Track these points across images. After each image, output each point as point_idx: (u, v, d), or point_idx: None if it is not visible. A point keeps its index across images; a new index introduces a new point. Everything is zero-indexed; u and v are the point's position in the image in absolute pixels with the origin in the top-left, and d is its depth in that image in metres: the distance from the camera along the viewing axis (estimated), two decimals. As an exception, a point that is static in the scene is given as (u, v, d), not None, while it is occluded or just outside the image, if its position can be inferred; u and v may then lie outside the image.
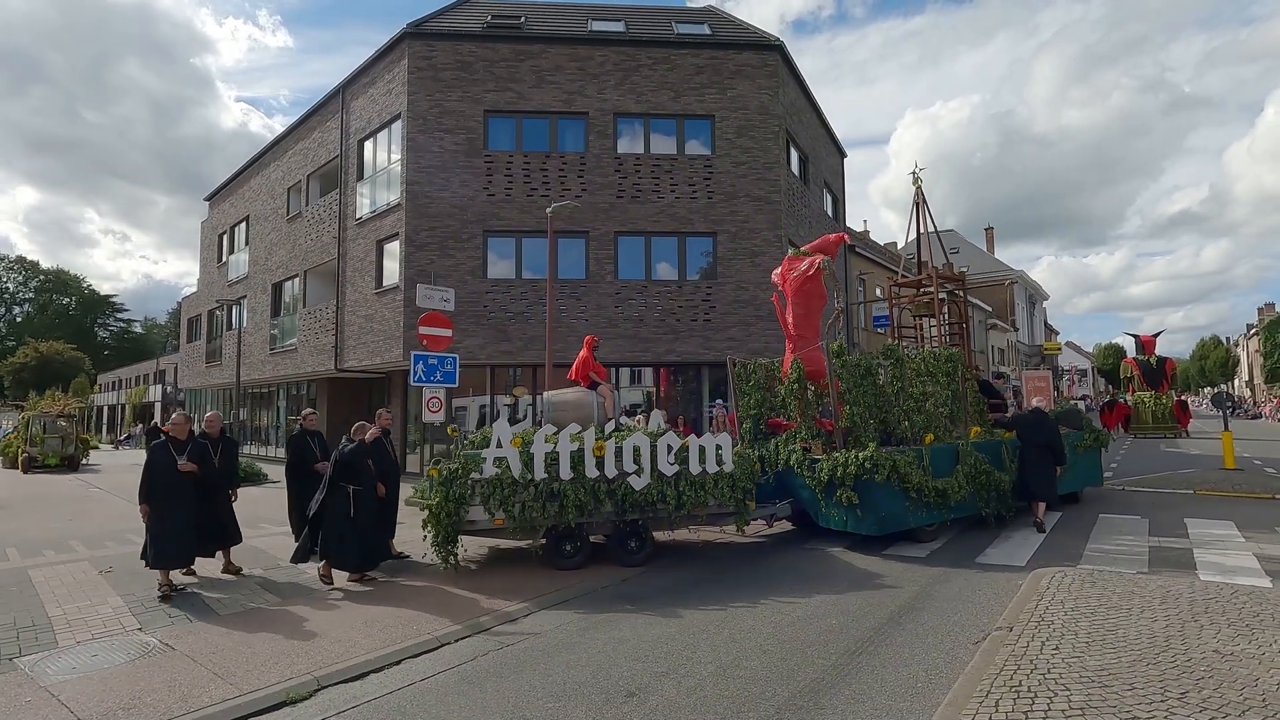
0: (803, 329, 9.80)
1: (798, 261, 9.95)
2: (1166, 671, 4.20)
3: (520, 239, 16.96)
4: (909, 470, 8.26)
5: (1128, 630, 4.92)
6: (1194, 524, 9.29)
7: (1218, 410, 18.25)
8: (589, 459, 7.51)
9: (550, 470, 7.42)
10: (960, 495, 8.84)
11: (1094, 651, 4.56)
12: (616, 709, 4.22)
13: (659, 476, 7.72)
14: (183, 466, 6.85)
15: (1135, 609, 5.39)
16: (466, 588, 6.97)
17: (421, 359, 11.23)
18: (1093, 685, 4.04)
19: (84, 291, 79.12)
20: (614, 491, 7.56)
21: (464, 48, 17.07)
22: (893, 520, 8.31)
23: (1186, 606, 5.41)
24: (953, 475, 8.80)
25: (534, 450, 7.42)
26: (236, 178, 27.04)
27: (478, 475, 7.32)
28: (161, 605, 6.45)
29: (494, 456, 7.39)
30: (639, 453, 7.68)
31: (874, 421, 9.14)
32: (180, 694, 4.48)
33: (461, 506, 7.26)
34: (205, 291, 29.89)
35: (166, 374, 44.42)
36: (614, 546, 7.87)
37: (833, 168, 24.34)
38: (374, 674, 4.88)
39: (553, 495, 7.39)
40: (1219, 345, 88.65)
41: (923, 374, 9.89)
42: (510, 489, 7.31)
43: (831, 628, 5.58)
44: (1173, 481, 13.52)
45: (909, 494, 8.32)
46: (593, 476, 7.50)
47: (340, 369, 19.27)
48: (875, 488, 8.11)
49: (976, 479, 9.11)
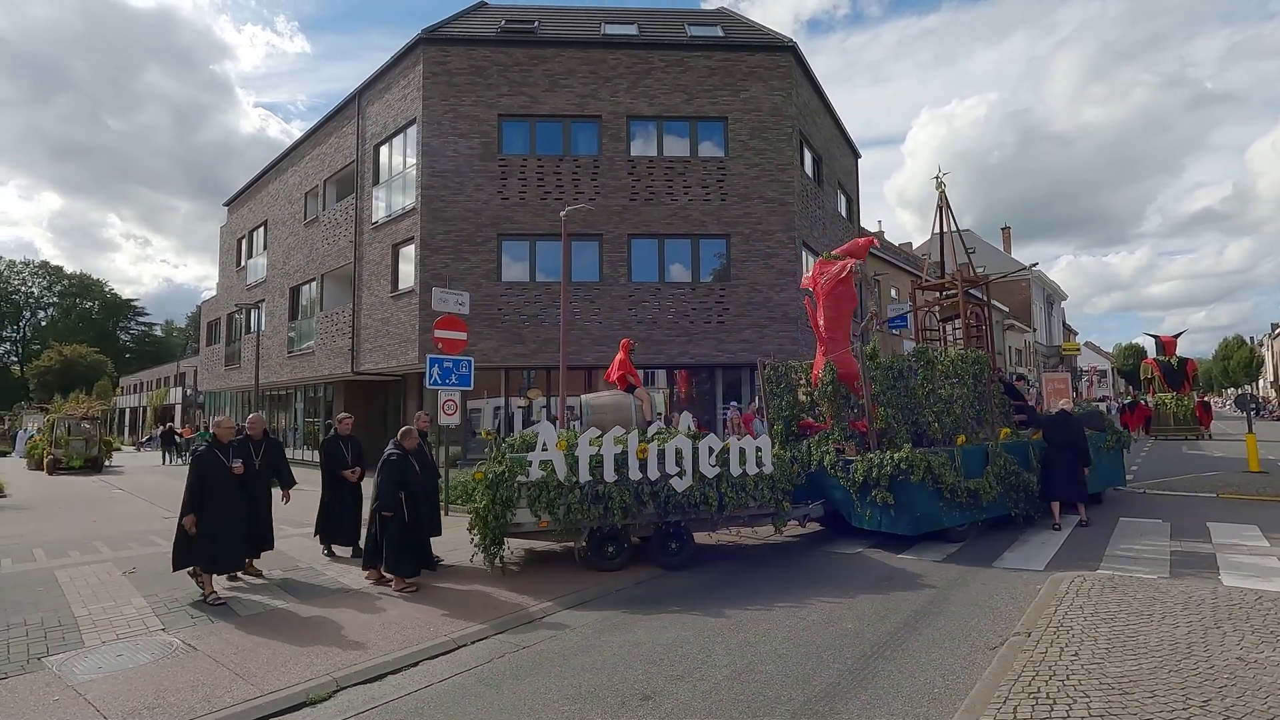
0: (834, 331, 9.92)
1: (829, 265, 10.08)
2: (1189, 679, 4.15)
3: (534, 242, 17.04)
4: (943, 471, 8.40)
5: (1149, 636, 4.86)
6: (1217, 528, 9.15)
7: (1241, 412, 17.96)
8: (632, 461, 7.60)
9: (594, 473, 7.50)
10: (991, 496, 9.01)
11: (1114, 658, 4.51)
12: (632, 712, 4.24)
13: (700, 478, 7.79)
14: (236, 469, 6.88)
15: (1157, 615, 5.32)
16: (485, 590, 7.01)
17: (437, 362, 11.34)
18: (1113, 692, 4.00)
19: (106, 296, 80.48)
20: (657, 493, 7.63)
21: (478, 53, 17.19)
22: (927, 520, 8.42)
23: (1209, 612, 5.34)
24: (983, 476, 8.97)
25: (579, 453, 7.49)
26: (255, 183, 27.41)
27: (524, 478, 7.39)
28: (185, 607, 6.54)
29: (539, 459, 7.45)
30: (681, 455, 7.77)
31: (906, 423, 9.27)
32: (203, 694, 4.56)
33: (508, 509, 7.34)
34: (224, 295, 30.30)
35: (186, 377, 45.06)
36: (655, 548, 7.91)
37: (846, 168, 24.23)
38: (392, 675, 4.94)
39: (598, 497, 7.47)
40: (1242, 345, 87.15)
41: (950, 376, 9.99)
42: (556, 491, 7.38)
43: (847, 632, 5.56)
44: (1195, 484, 13.31)
45: (943, 494, 8.45)
46: (635, 479, 7.58)
47: (357, 371, 19.46)
48: (910, 488, 8.25)
49: (1006, 479, 9.28)
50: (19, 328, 76.76)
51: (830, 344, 9.86)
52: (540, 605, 6.45)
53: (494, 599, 6.67)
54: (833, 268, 9.99)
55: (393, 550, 6.97)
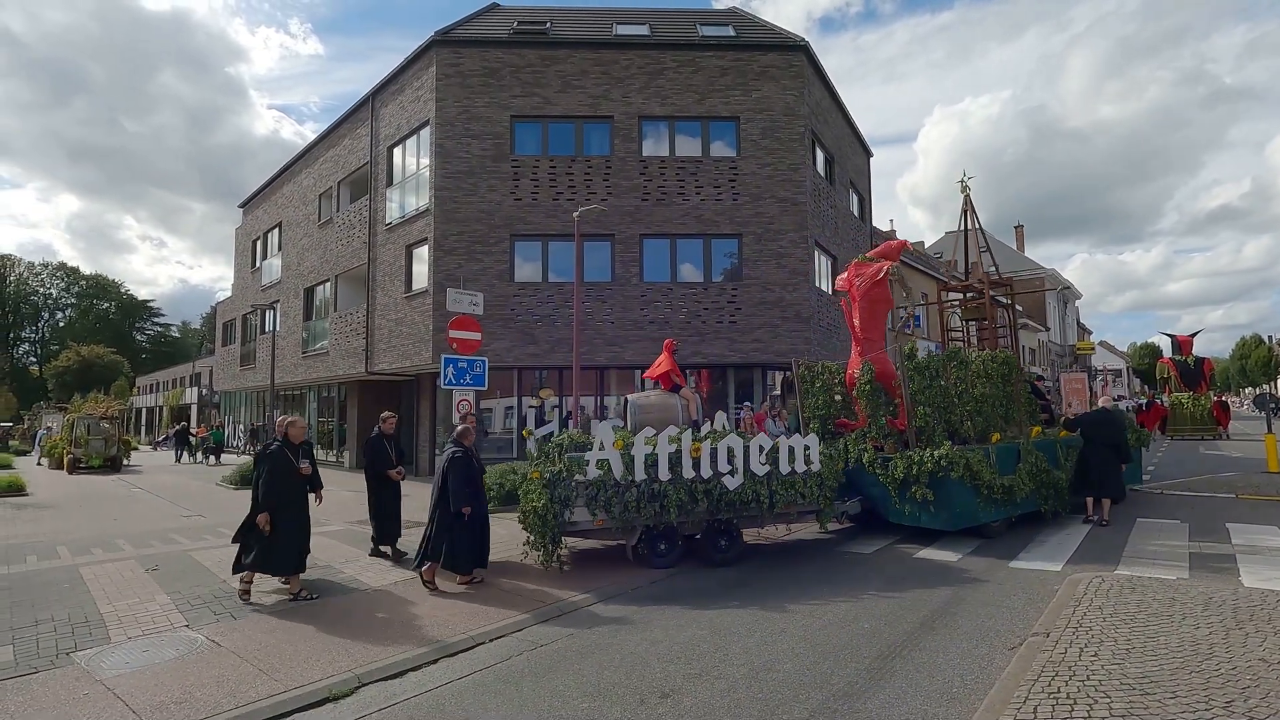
0: (870, 332, 10.13)
1: (865, 267, 10.26)
2: (1210, 680, 4.13)
3: (547, 243, 17.11)
4: (981, 468, 8.64)
5: (1169, 637, 4.84)
6: (1236, 529, 9.06)
7: (1260, 411, 17.77)
8: (686, 460, 7.71)
9: (649, 471, 7.60)
10: (1025, 492, 9.28)
11: (1134, 658, 4.49)
12: (651, 709, 4.27)
13: (751, 476, 7.93)
14: (304, 470, 6.91)
15: (1177, 615, 5.29)
16: (510, 587, 7.06)
17: (451, 362, 11.41)
18: (1134, 693, 3.99)
19: (122, 296, 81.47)
20: (710, 491, 7.74)
21: (491, 54, 17.28)
22: (965, 516, 8.68)
23: (1230, 613, 5.30)
24: (1016, 473, 9.22)
25: (634, 452, 7.59)
26: (269, 185, 27.67)
27: (581, 477, 7.46)
28: (208, 603, 6.64)
29: (596, 459, 7.54)
30: (733, 453, 7.90)
31: (941, 422, 9.46)
32: (228, 689, 4.63)
33: (566, 508, 7.41)
34: (240, 296, 30.61)
35: (202, 377, 45.54)
36: (705, 545, 8.02)
37: (858, 167, 24.14)
38: (412, 672, 4.99)
39: (654, 495, 7.59)
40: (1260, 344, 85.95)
41: (980, 376, 10.20)
42: (614, 490, 7.49)
43: (864, 631, 5.57)
44: (1213, 485, 13.18)
45: (980, 491, 8.68)
46: (689, 477, 7.70)
47: (370, 372, 19.61)
48: (949, 485, 8.48)
49: (1038, 477, 9.54)
50: (38, 328, 77.91)
51: (866, 344, 10.06)
52: (560, 603, 6.49)
53: (513, 598, 6.72)
54: (869, 270, 10.19)
55: (461, 547, 7.03)
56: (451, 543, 6.99)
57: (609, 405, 17.61)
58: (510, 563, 8.10)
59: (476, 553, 7.22)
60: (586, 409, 17.23)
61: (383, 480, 8.51)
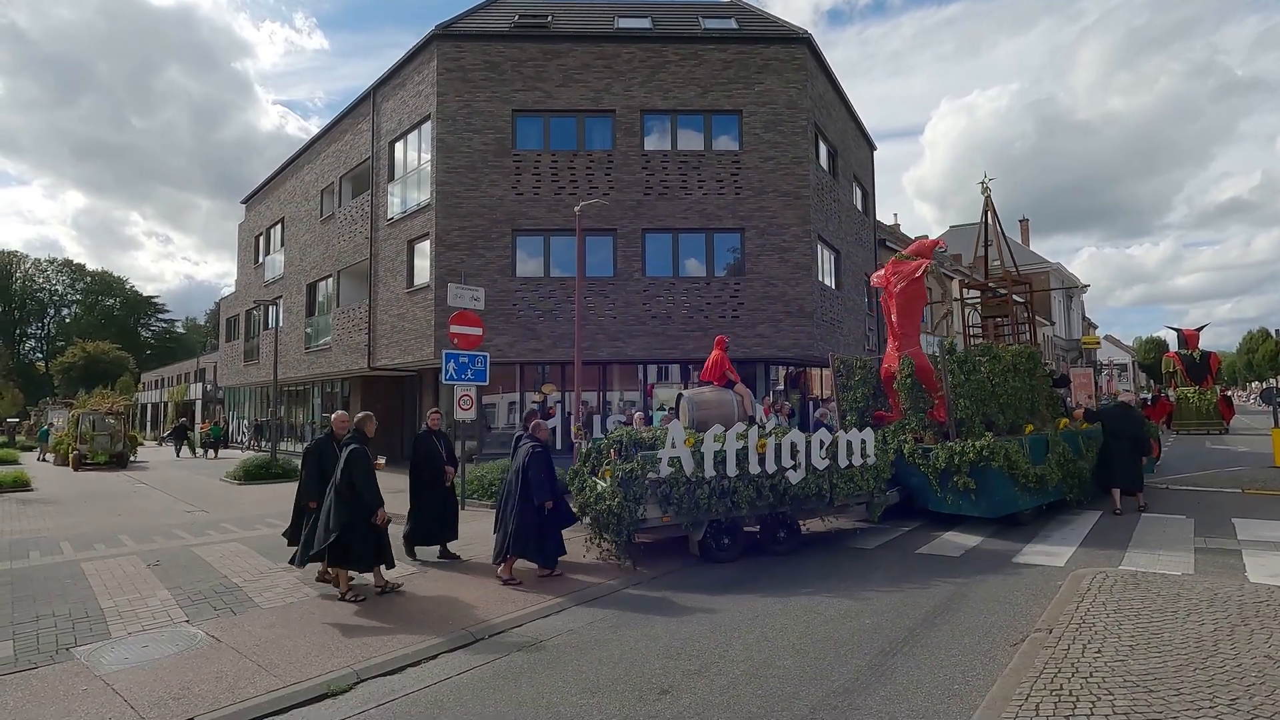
0: (906, 327, 10.58)
1: (903, 265, 10.70)
2: (1215, 677, 4.08)
3: (548, 237, 17.06)
4: (1018, 458, 9.08)
5: (1173, 634, 4.79)
6: (1242, 524, 8.99)
7: (1267, 406, 17.65)
8: (752, 455, 7.90)
9: (718, 468, 7.75)
10: (1054, 481, 9.72)
11: (1138, 655, 4.45)
12: (650, 706, 4.25)
13: (813, 470, 8.23)
14: (380, 465, 6.80)
15: (1181, 612, 5.24)
16: (514, 586, 7.04)
17: (453, 357, 11.39)
18: (1137, 690, 3.95)
19: (128, 293, 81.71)
20: (776, 486, 7.97)
21: (492, 48, 17.20)
22: (1005, 504, 9.10)
23: (1236, 610, 5.25)
24: (1045, 463, 9.64)
25: (704, 449, 7.70)
26: (271, 181, 27.67)
27: (655, 475, 7.52)
28: (208, 599, 6.64)
29: (669, 457, 7.61)
30: (795, 448, 8.17)
31: (978, 414, 9.93)
32: (227, 685, 4.62)
33: (640, 505, 7.45)
34: (243, 292, 30.66)
35: (206, 373, 45.67)
36: (765, 538, 8.30)
37: (862, 161, 24.00)
38: (411, 668, 4.98)
39: (725, 491, 7.75)
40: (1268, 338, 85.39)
41: (1010, 370, 10.59)
42: (686, 487, 7.58)
43: (865, 627, 5.53)
44: (1219, 480, 13.09)
45: (1017, 480, 9.09)
46: (755, 472, 7.88)
47: (373, 367, 19.62)
48: (990, 474, 8.93)
49: (1064, 466, 10.02)
50: (44, 325, 78.22)
51: (903, 340, 10.50)
52: (557, 600, 6.47)
53: (517, 593, 6.70)
54: (906, 268, 10.61)
55: (551, 541, 7.15)
56: (541, 536, 7.09)
57: (611, 401, 17.59)
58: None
59: (560, 546, 7.33)
60: (589, 404, 17.23)
61: (432, 479, 8.15)
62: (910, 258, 10.76)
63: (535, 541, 7.06)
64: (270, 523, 10.94)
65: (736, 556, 7.96)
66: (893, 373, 10.45)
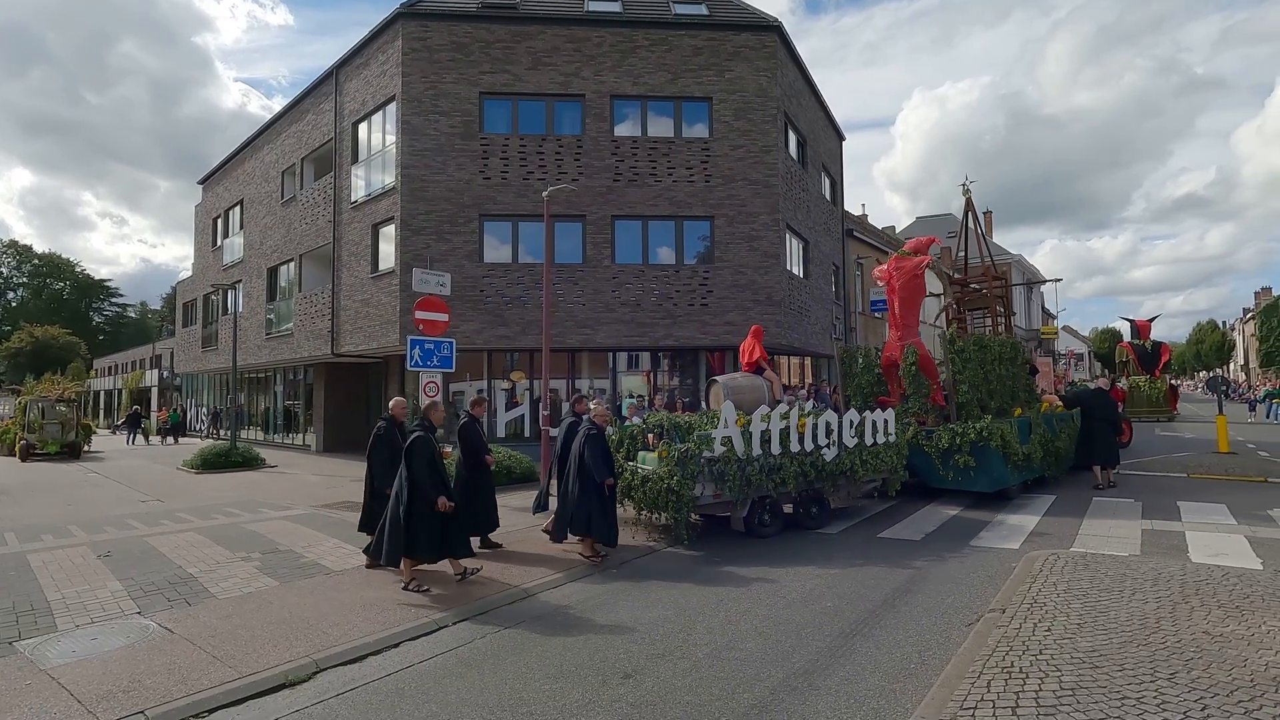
0: (907, 318, 11.33)
1: (904, 261, 11.45)
2: (1156, 653, 4.24)
3: (517, 223, 16.86)
4: (1011, 438, 10.00)
5: (1119, 612, 4.97)
6: (1186, 507, 9.36)
7: (1213, 394, 18.43)
8: (793, 435, 8.40)
9: (763, 447, 8.17)
10: (1037, 459, 10.74)
11: (1085, 633, 4.61)
12: (613, 690, 4.26)
13: (844, 449, 8.87)
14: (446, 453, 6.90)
15: (1127, 591, 5.44)
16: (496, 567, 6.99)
17: (418, 343, 11.21)
18: (1084, 666, 4.09)
19: (78, 276, 78.64)
20: (815, 463, 8.55)
21: (459, 28, 16.85)
22: (999, 479, 10.00)
23: (1178, 589, 5.46)
24: (1030, 442, 10.58)
25: (753, 429, 8.11)
26: (230, 161, 26.82)
27: (709, 453, 7.82)
28: (162, 590, 6.46)
29: (721, 436, 7.95)
30: (830, 428, 8.81)
31: (974, 398, 10.81)
32: (179, 677, 4.51)
33: (694, 483, 7.73)
34: (200, 276, 29.76)
35: (163, 359, 44.30)
36: (801, 514, 8.79)
37: (831, 151, 24.18)
38: (372, 656, 4.92)
39: (773, 469, 8.19)
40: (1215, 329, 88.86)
41: (996, 359, 11.53)
42: (737, 465, 7.94)
43: (827, 610, 5.63)
44: (1167, 465, 13.60)
45: (1010, 458, 10.00)
46: (795, 451, 8.39)
47: (337, 354, 19.24)
48: (988, 453, 9.85)
49: (1046, 445, 11.03)
50: (-11, 309, 74.92)
51: (905, 330, 11.22)
52: (524, 586, 6.45)
53: (483, 580, 6.66)
54: (907, 263, 11.36)
55: (609, 520, 7.27)
56: (607, 516, 7.26)
57: (581, 388, 17.53)
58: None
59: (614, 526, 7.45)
60: (558, 392, 17.15)
61: (479, 467, 7.96)
62: (910, 254, 11.50)
63: (597, 519, 7.23)
64: (229, 512, 10.69)
65: (777, 533, 8.40)
66: (894, 360, 11.19)
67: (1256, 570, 6.15)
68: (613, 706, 4.05)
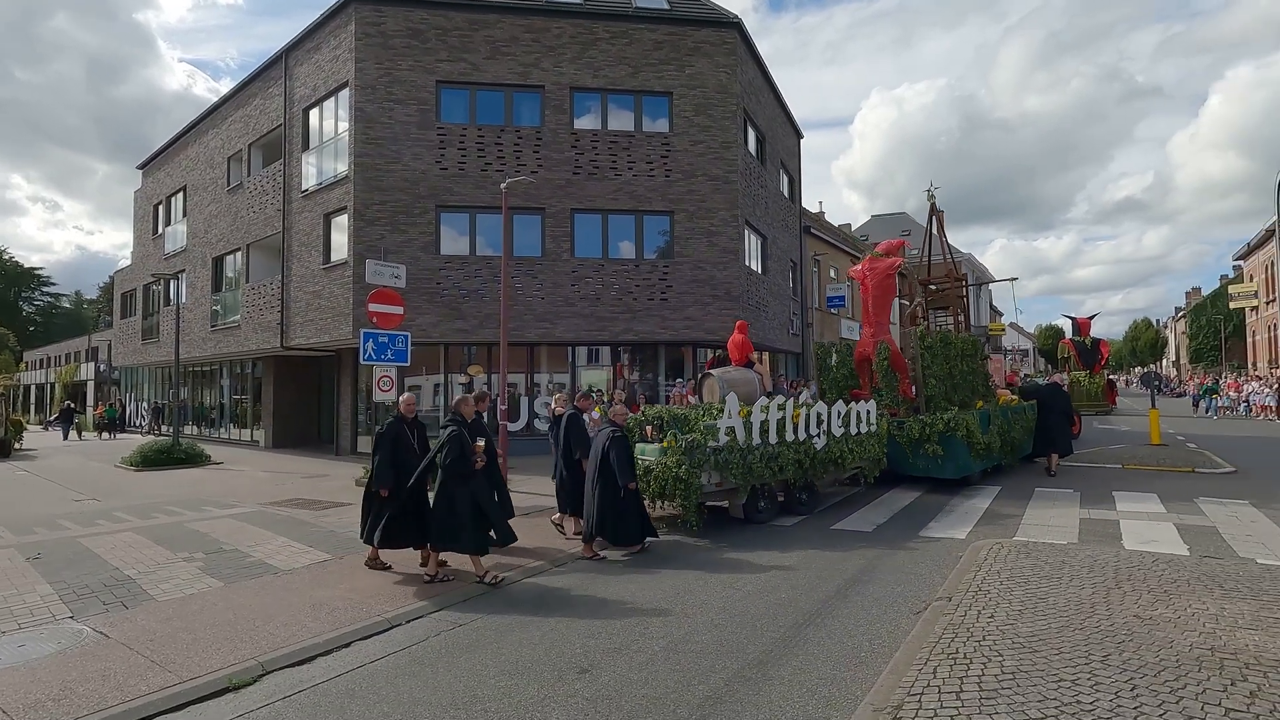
0: (879, 316, 11.94)
1: (878, 262, 12.12)
2: (1091, 636, 4.44)
3: (474, 215, 16.60)
4: (974, 429, 10.71)
5: (1057, 598, 5.18)
6: (1121, 497, 9.81)
7: (1146, 389, 19.46)
8: (788, 425, 8.79)
9: (762, 436, 8.51)
10: (996, 449, 11.53)
11: (1026, 619, 4.79)
12: (569, 685, 4.25)
13: (832, 438, 9.36)
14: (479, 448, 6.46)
15: (1065, 578, 5.67)
16: (418, 569, 6.88)
17: (371, 337, 10.98)
18: (1024, 650, 4.25)
19: (6, 264, 74.37)
20: (809, 452, 9.00)
21: (415, 14, 16.46)
22: (964, 467, 10.64)
23: (1111, 574, 5.72)
24: (989, 433, 11.28)
25: (753, 419, 8.43)
26: (172, 145, 25.71)
27: (714, 443, 8.03)
28: (96, 593, 6.18)
29: (725, 426, 8.20)
30: (821, 418, 9.30)
31: (940, 391, 11.55)
32: (115, 683, 4.32)
33: (702, 472, 7.93)
34: (140, 265, 28.48)
35: (100, 351, 42.31)
36: (791, 500, 9.18)
37: (789, 148, 24.47)
38: (322, 657, 4.80)
39: (772, 457, 8.53)
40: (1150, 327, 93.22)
41: (959, 355, 12.25)
42: (740, 454, 8.22)
43: (782, 601, 5.72)
44: (1104, 456, 14.22)
45: (973, 447, 10.68)
46: (790, 439, 8.78)
47: (286, 347, 18.66)
48: (954, 442, 10.51)
49: (1003, 435, 11.85)
50: (-95, 298, 70.30)
51: (877, 327, 11.82)
52: (475, 583, 6.37)
53: (436, 581, 6.55)
54: (881, 264, 12.02)
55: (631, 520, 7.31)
56: (618, 517, 7.26)
57: (540, 383, 17.41)
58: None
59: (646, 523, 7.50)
60: (517, 386, 17.00)
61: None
62: (883, 256, 12.18)
63: (613, 522, 7.27)
64: (171, 510, 10.29)
65: (772, 518, 8.79)
66: (866, 356, 11.80)
67: (1184, 556, 6.49)
68: (568, 702, 4.04)
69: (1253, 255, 47.48)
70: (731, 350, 11.64)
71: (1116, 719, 3.39)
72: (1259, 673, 3.83)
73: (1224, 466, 12.53)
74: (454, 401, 6.94)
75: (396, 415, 6.97)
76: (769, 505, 8.88)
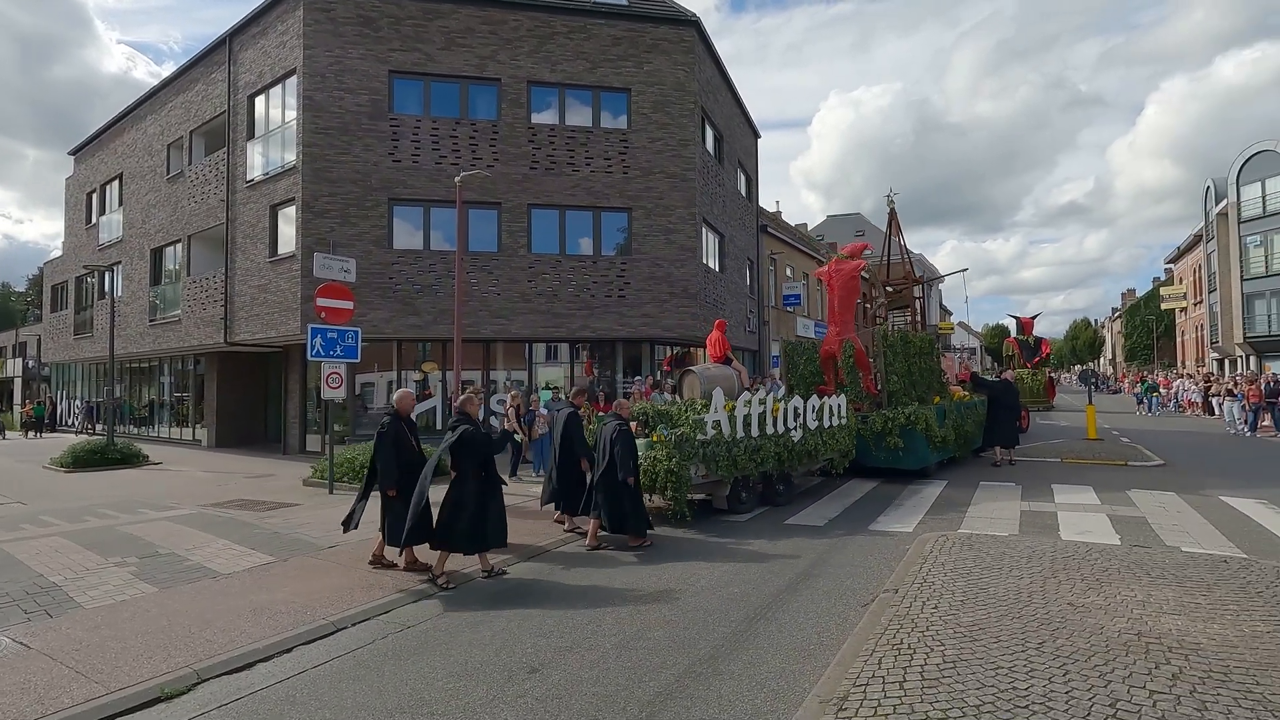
0: (845, 315, 12.54)
1: (843, 264, 12.68)
2: (1028, 624, 4.60)
3: (429, 208, 16.29)
4: (932, 423, 11.29)
5: (997, 588, 5.35)
6: (1059, 489, 10.21)
7: (1084, 386, 20.37)
8: (768, 419, 9.15)
9: (745, 429, 8.81)
10: (951, 442, 12.17)
11: (967, 608, 4.93)
12: (518, 685, 4.20)
13: (808, 430, 9.75)
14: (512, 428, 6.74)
15: (1005, 568, 5.86)
16: (378, 569, 6.71)
17: (320, 332, 10.69)
18: (965, 639, 4.38)
19: (-76, 253, 69.91)
20: (787, 444, 9.32)
21: (367, 2, 16.04)
22: (922, 459, 11.25)
23: (1048, 564, 5.94)
24: (945, 426, 11.87)
25: (737, 413, 8.75)
26: (108, 130, 24.52)
27: (702, 437, 8.28)
28: (16, 603, 5.85)
29: (712, 420, 8.47)
30: (797, 412, 9.68)
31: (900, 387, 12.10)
32: (35, 695, 4.09)
33: (691, 464, 8.14)
34: (72, 256, 27.09)
35: (28, 346, 40.14)
36: (769, 491, 9.42)
37: (746, 148, 24.70)
38: (261, 663, 4.63)
39: (755, 449, 8.84)
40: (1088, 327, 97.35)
41: (917, 353, 12.80)
42: (724, 447, 8.51)
43: (734, 596, 5.77)
44: (1044, 450, 14.78)
45: (931, 440, 11.27)
46: (770, 433, 9.12)
47: (231, 342, 18.01)
48: (914, 435, 11.10)
49: (957, 429, 12.56)
50: None
51: (842, 326, 12.41)
52: (427, 583, 6.25)
53: (386, 579, 6.41)
54: (846, 266, 12.59)
55: (634, 512, 7.45)
56: (622, 509, 7.40)
57: (496, 380, 17.20)
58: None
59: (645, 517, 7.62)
60: (475, 383, 16.75)
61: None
62: (847, 258, 12.78)
63: (615, 512, 7.43)
64: (103, 513, 9.82)
65: (754, 507, 9.10)
66: (832, 353, 12.35)
67: (1115, 545, 6.79)
68: (518, 702, 3.99)
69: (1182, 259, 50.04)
70: (710, 348, 11.98)
71: (1050, 704, 3.52)
72: (1181, 656, 4.02)
73: (1154, 460, 13.17)
74: (459, 400, 6.82)
75: (394, 414, 6.79)
76: (750, 496, 9.12)
